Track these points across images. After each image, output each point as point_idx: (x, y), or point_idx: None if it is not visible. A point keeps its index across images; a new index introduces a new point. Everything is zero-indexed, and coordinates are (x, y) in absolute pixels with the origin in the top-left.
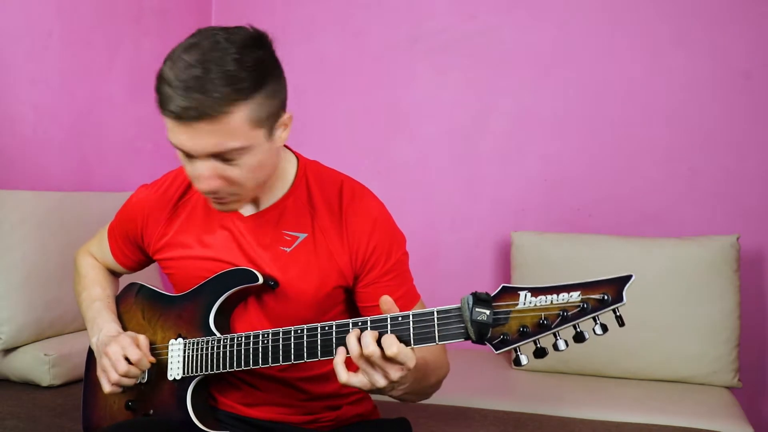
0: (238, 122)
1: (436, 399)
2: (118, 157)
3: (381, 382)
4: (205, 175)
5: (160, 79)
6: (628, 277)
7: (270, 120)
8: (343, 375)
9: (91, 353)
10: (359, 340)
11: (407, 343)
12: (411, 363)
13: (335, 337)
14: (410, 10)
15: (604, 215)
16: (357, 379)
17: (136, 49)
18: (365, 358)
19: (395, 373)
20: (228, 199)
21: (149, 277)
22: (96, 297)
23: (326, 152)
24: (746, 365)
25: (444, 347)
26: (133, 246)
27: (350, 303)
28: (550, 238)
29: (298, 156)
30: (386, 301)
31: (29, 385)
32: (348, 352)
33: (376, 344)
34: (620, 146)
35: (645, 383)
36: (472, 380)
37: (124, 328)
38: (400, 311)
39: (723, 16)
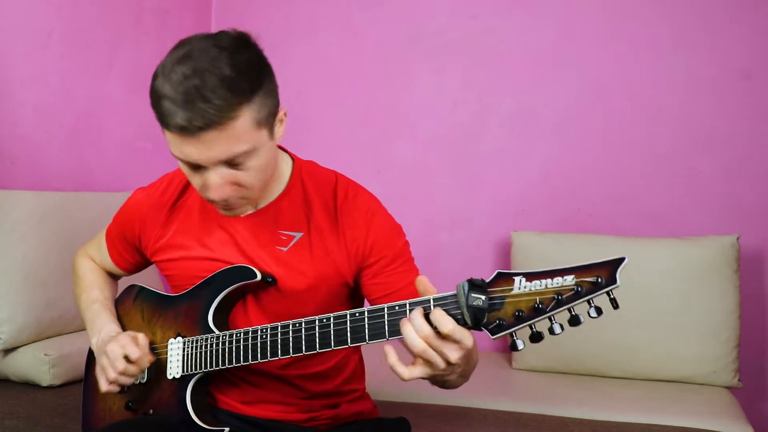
0: (244, 126)
1: (436, 399)
2: (118, 157)
3: (441, 365)
4: (217, 183)
5: (157, 95)
6: (621, 260)
7: (270, 118)
8: (404, 371)
9: (90, 354)
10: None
11: (459, 322)
12: (468, 341)
13: (333, 330)
14: (410, 10)
15: (604, 215)
16: (418, 370)
17: (136, 49)
18: (424, 340)
19: (453, 354)
20: (237, 203)
21: (149, 280)
22: (94, 299)
23: (326, 152)
24: (746, 365)
25: None
26: (131, 249)
27: (355, 303)
28: (550, 238)
29: (293, 156)
30: (422, 282)
31: (29, 385)
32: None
33: (426, 323)
34: (620, 146)
35: (645, 383)
36: (472, 380)
37: (124, 330)
38: (412, 297)
39: (723, 16)
